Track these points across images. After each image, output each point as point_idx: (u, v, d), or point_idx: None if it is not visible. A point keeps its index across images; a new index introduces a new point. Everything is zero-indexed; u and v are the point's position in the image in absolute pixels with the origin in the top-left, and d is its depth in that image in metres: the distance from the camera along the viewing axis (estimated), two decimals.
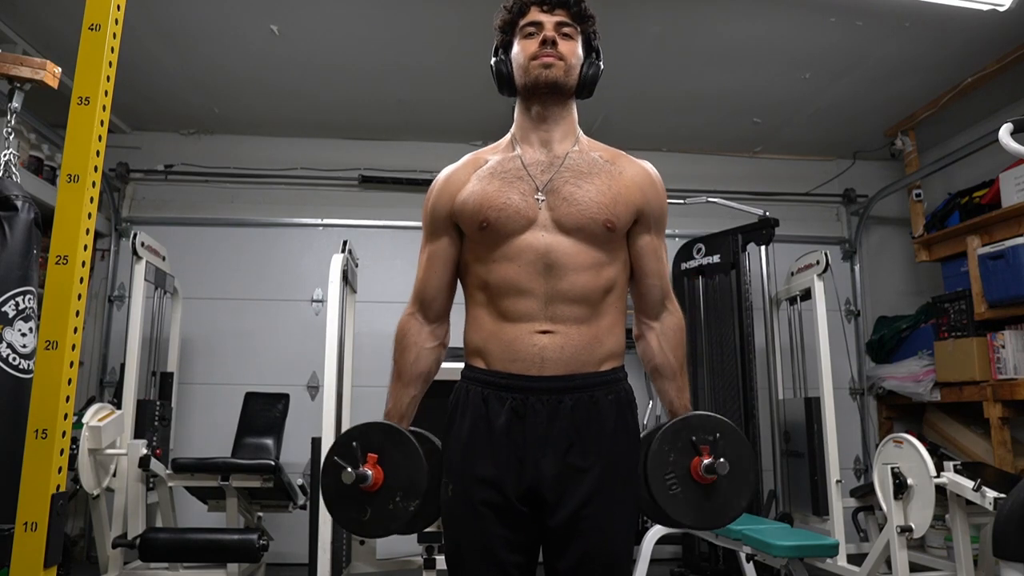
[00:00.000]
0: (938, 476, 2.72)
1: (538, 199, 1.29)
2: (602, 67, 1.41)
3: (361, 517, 1.24)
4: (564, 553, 1.25)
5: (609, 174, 1.33)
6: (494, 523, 1.25)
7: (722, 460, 1.21)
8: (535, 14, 1.34)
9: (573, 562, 1.24)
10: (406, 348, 1.38)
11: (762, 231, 3.80)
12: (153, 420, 3.54)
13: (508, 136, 1.41)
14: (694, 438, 1.24)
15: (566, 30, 1.34)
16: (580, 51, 1.36)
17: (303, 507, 3.39)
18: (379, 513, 1.24)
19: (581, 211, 1.27)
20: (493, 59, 1.40)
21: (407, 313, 1.41)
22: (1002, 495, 2.51)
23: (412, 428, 1.38)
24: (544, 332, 1.26)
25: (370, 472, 1.22)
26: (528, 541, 1.28)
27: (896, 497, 2.79)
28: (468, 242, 1.36)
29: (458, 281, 1.42)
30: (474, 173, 1.36)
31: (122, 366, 3.63)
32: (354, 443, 1.24)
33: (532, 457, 1.24)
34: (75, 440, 2.86)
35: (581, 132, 1.40)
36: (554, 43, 1.32)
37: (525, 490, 1.25)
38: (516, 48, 1.36)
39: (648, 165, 1.40)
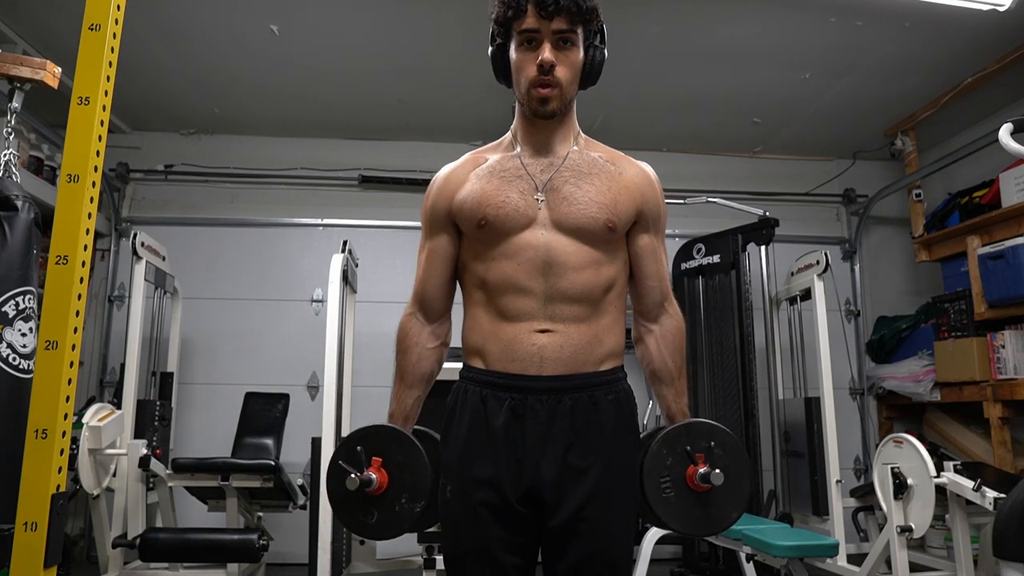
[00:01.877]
0: (938, 476, 2.71)
1: (538, 198, 1.29)
2: (606, 54, 1.35)
3: (367, 520, 1.24)
4: (563, 554, 1.24)
5: (609, 174, 1.32)
6: (493, 524, 1.24)
7: (717, 471, 1.20)
8: (532, 19, 1.25)
9: (573, 563, 1.24)
10: (408, 349, 1.38)
11: (762, 231, 3.80)
12: (153, 420, 3.54)
13: (508, 135, 1.40)
14: (689, 447, 1.23)
15: (565, 36, 1.26)
16: (580, 56, 1.30)
17: (303, 507, 3.39)
18: (385, 516, 1.24)
19: (581, 210, 1.27)
20: (490, 48, 1.36)
21: (407, 313, 1.40)
22: (1002, 495, 2.51)
23: (416, 427, 1.38)
24: (543, 331, 1.25)
25: (375, 476, 1.22)
26: (527, 542, 1.27)
27: (896, 497, 2.79)
28: (466, 241, 1.35)
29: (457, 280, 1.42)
30: (473, 171, 1.35)
31: (122, 366, 3.63)
32: (358, 447, 1.24)
33: (531, 458, 1.24)
34: (75, 440, 2.86)
35: (580, 131, 1.39)
36: (552, 68, 1.25)
37: (525, 491, 1.24)
38: (514, 55, 1.30)
39: (647, 166, 1.39)
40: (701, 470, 1.21)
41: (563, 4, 1.24)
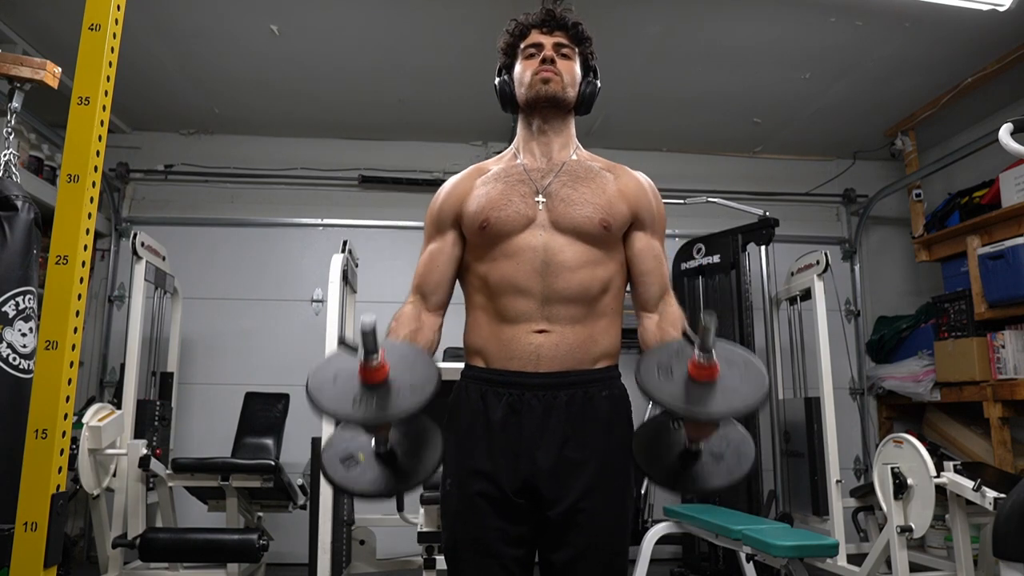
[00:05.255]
0: (938, 476, 2.72)
1: (538, 201, 1.35)
2: (599, 85, 1.48)
3: (358, 407, 1.07)
4: (561, 546, 1.28)
5: (605, 179, 1.39)
6: (490, 515, 1.27)
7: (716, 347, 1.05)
8: (535, 36, 1.42)
9: (570, 555, 1.27)
10: (405, 323, 1.36)
11: (762, 231, 3.80)
12: (153, 420, 3.54)
13: (511, 148, 1.47)
14: (689, 335, 1.09)
15: (564, 50, 1.42)
16: (578, 70, 1.43)
17: (303, 507, 3.39)
18: (381, 400, 1.07)
19: (577, 210, 1.32)
20: (497, 80, 1.47)
21: (407, 303, 1.41)
22: (1002, 495, 2.51)
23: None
24: (540, 332, 1.30)
25: (379, 356, 1.06)
26: (525, 534, 1.30)
27: (896, 497, 2.79)
28: (470, 244, 1.39)
29: (457, 282, 1.44)
30: (479, 179, 1.42)
31: (122, 366, 3.63)
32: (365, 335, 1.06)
33: (528, 450, 1.27)
34: (75, 440, 2.86)
35: (579, 145, 1.46)
36: (553, 61, 1.39)
37: (521, 483, 1.27)
38: (518, 67, 1.43)
39: (643, 176, 1.46)
40: (700, 352, 1.06)
41: (561, 22, 1.42)
